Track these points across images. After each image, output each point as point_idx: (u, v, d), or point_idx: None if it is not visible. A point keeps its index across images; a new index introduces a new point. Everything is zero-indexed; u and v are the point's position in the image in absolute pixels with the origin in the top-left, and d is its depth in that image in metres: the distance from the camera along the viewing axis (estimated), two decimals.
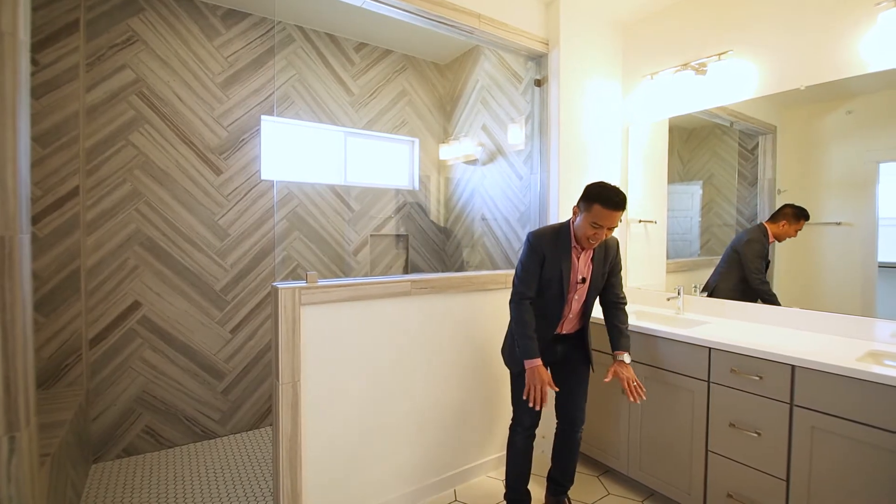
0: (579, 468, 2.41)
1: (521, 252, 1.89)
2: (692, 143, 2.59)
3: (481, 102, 3.39)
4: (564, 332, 1.89)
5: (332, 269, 3.21)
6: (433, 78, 3.72)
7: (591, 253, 1.83)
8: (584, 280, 1.82)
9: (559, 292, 1.80)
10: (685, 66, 2.41)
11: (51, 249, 2.27)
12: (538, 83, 2.66)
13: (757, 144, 2.30)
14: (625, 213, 1.87)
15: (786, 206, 2.15)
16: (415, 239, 3.61)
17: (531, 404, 1.74)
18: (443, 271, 3.31)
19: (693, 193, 2.61)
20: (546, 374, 1.76)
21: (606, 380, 1.80)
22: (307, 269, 3.09)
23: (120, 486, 2.22)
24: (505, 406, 2.43)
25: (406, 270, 3.57)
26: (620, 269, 1.93)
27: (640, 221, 2.77)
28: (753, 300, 2.22)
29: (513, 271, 2.54)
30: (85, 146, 2.39)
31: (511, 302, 1.85)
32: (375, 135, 3.48)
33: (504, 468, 2.42)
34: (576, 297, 1.83)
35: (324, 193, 3.18)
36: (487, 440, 2.38)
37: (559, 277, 1.78)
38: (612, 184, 1.72)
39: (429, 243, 3.70)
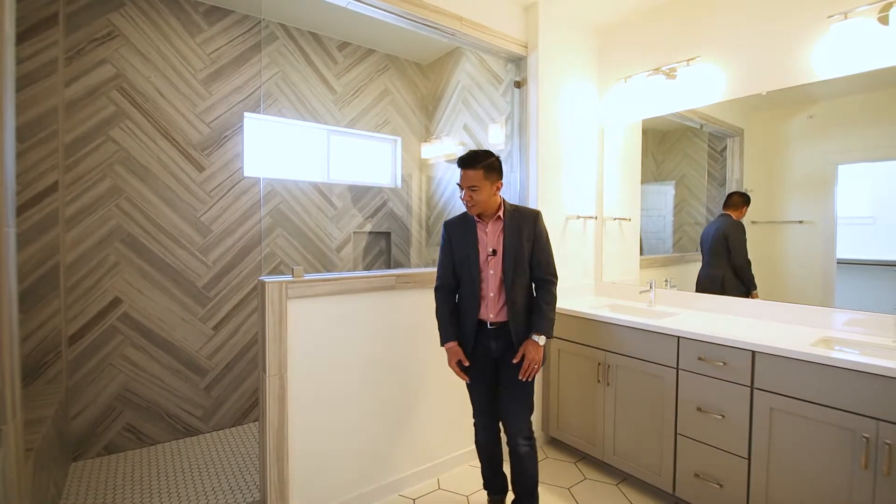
0: (556, 455, 2.51)
1: None
2: (665, 144, 2.71)
3: (462, 102, 3.46)
4: (493, 318, 1.78)
5: (316, 265, 3.23)
6: (415, 78, 3.78)
7: (500, 224, 1.78)
8: (494, 252, 1.76)
9: (474, 269, 1.78)
10: (657, 70, 2.53)
11: (29, 245, 2.24)
12: (518, 84, 2.74)
13: (725, 146, 2.43)
14: (482, 174, 1.70)
15: (735, 193, 2.32)
16: (397, 236, 3.66)
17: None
18: (425, 267, 3.36)
19: (666, 193, 2.74)
20: (459, 352, 1.79)
21: (514, 360, 1.74)
22: (291, 265, 3.10)
23: (102, 484, 2.21)
24: None
25: (388, 267, 3.62)
26: (547, 244, 1.81)
27: (614, 219, 2.88)
28: (738, 290, 2.29)
29: None
30: (64, 141, 2.37)
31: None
32: (358, 133, 3.51)
33: None
34: (490, 271, 1.77)
35: (307, 191, 3.20)
36: (470, 430, 2.44)
37: (468, 254, 1.78)
38: (482, 149, 1.77)
39: (411, 240, 3.75)
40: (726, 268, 2.35)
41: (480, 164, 1.70)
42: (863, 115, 1.92)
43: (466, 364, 1.81)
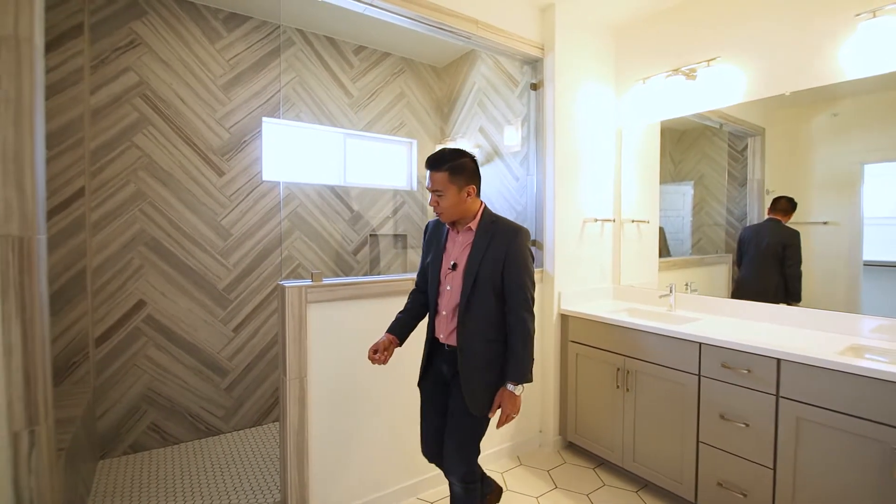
0: (574, 461, 2.49)
1: None
2: (683, 144, 2.67)
3: (478, 105, 3.45)
4: (443, 339, 1.59)
5: (333, 268, 3.26)
6: (431, 80, 3.78)
7: (470, 237, 1.55)
8: (454, 266, 1.55)
9: (433, 280, 1.62)
10: (676, 71, 2.49)
11: (57, 249, 2.30)
12: (534, 87, 2.73)
13: (746, 146, 2.38)
14: (447, 176, 1.49)
15: (783, 198, 2.19)
16: (413, 238, 3.67)
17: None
18: None
19: (685, 193, 2.70)
20: (381, 342, 1.60)
21: (490, 414, 1.51)
22: (309, 269, 3.14)
23: (128, 482, 2.27)
24: None
25: (405, 270, 3.63)
26: (521, 268, 1.49)
27: (632, 221, 2.85)
28: (783, 299, 2.17)
29: None
30: (90, 148, 2.43)
31: None
32: (374, 136, 3.53)
33: (500, 462, 2.49)
34: (448, 286, 1.57)
35: (324, 194, 3.23)
36: (488, 433, 2.43)
37: (433, 262, 1.63)
38: (454, 148, 1.55)
39: None
40: (778, 275, 2.23)
41: (445, 166, 1.48)
42: (890, 112, 1.87)
43: (374, 353, 1.59)
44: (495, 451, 2.48)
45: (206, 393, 2.77)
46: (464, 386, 1.51)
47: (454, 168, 1.49)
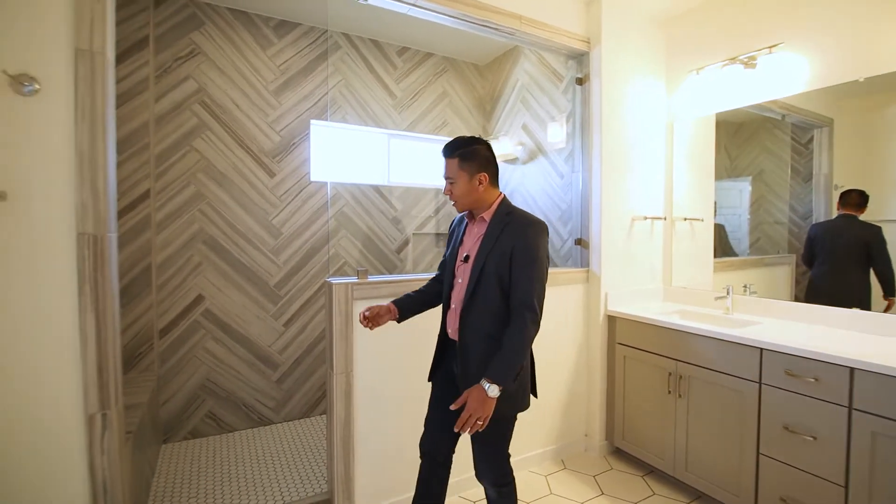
0: (621, 467, 2.41)
1: None
2: (740, 137, 2.52)
3: (521, 102, 3.40)
4: (451, 334, 1.55)
5: (377, 266, 3.32)
6: (473, 79, 3.77)
7: (484, 228, 1.49)
8: (466, 258, 1.50)
9: (448, 273, 1.58)
10: (733, 59, 2.35)
11: (126, 247, 2.48)
12: (580, 81, 2.66)
13: (811, 138, 2.21)
14: (457, 163, 1.47)
15: (854, 191, 2.02)
16: None
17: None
18: None
19: (741, 190, 2.54)
20: (379, 308, 1.57)
21: (453, 406, 1.36)
22: (354, 266, 3.22)
23: (187, 466, 2.42)
24: (550, 401, 2.46)
25: None
26: (529, 265, 1.38)
27: (685, 219, 2.71)
28: (863, 302, 1.99)
29: (555, 269, 2.56)
30: (154, 152, 2.60)
31: None
32: (417, 136, 3.57)
33: (543, 465, 2.45)
34: (459, 279, 1.52)
35: (368, 193, 3.30)
36: (532, 434, 2.42)
37: (450, 255, 1.59)
38: (468, 135, 1.52)
39: None
40: (860, 275, 2.04)
41: (456, 153, 1.45)
42: None
43: (366, 316, 1.56)
44: (539, 454, 2.44)
45: (258, 384, 2.90)
46: (462, 384, 1.45)
47: (465, 154, 1.46)
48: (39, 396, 1.35)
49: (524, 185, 3.36)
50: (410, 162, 3.61)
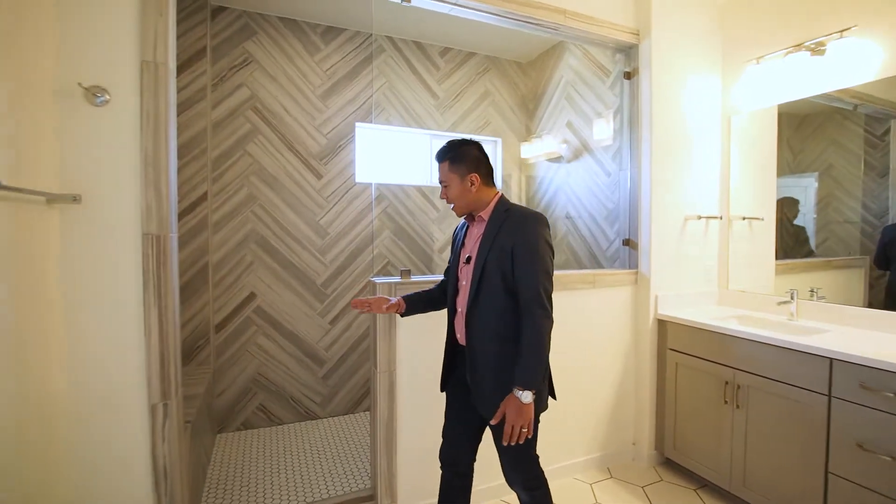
0: (672, 479, 2.30)
1: None
2: (804, 130, 2.33)
3: (566, 98, 3.33)
4: (460, 339, 1.53)
5: (420, 266, 3.35)
6: (516, 77, 3.73)
7: (482, 227, 1.48)
8: (468, 260, 1.49)
9: (452, 277, 1.57)
10: (798, 47, 2.18)
11: (186, 247, 2.64)
12: (628, 76, 2.57)
13: (888, 129, 2.02)
14: (447, 166, 1.48)
15: None
16: None
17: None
18: None
19: (807, 187, 2.35)
20: (378, 300, 1.62)
21: (493, 421, 1.36)
22: (397, 266, 3.26)
23: (239, 455, 2.53)
24: (596, 407, 2.39)
25: None
26: (532, 259, 1.35)
27: (743, 218, 2.55)
28: None
29: (601, 270, 2.49)
30: (211, 157, 2.75)
31: None
32: (459, 136, 3.55)
33: (588, 473, 2.38)
34: (463, 281, 1.50)
35: (411, 194, 3.34)
36: (576, 441, 2.36)
37: (453, 259, 1.59)
38: (458, 139, 1.52)
39: None
40: None
41: (446, 156, 1.47)
42: None
43: (365, 303, 1.61)
44: (583, 461, 2.37)
45: (305, 380, 3.00)
46: (474, 389, 1.43)
47: (455, 157, 1.46)
48: (109, 386, 1.45)
49: (568, 183, 3.29)
50: None
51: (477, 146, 1.51)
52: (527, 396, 1.29)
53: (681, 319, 2.29)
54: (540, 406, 1.42)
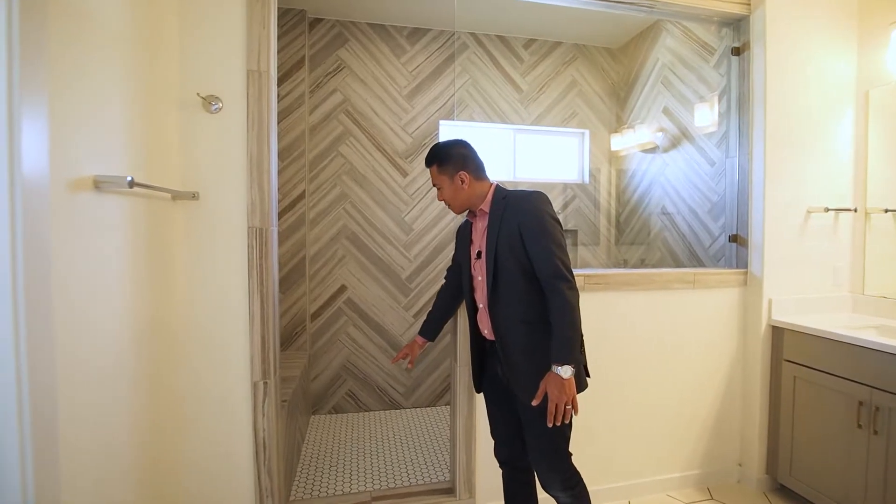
0: None
1: None
2: None
3: (662, 83, 3.07)
4: (487, 335, 1.52)
5: None
6: (605, 64, 3.53)
7: (485, 219, 1.48)
8: (479, 254, 1.49)
9: (465, 275, 1.57)
10: None
11: (286, 241, 2.88)
12: (736, 51, 2.30)
13: None
14: (435, 170, 1.51)
15: None
16: (584, 234, 3.49)
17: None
18: (613, 267, 3.12)
19: None
20: (410, 346, 1.76)
21: (534, 402, 1.32)
22: None
23: (330, 437, 2.71)
24: (694, 419, 2.19)
25: (575, 266, 3.47)
26: (544, 232, 1.34)
27: (885, 211, 2.16)
28: None
29: (704, 269, 2.26)
30: (309, 159, 2.97)
31: None
32: (544, 129, 3.46)
33: (684, 491, 2.18)
34: (479, 277, 1.50)
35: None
36: (672, 454, 2.17)
37: (463, 257, 1.59)
38: (442, 141, 1.56)
39: (599, 238, 3.53)
40: None
41: (433, 161, 1.50)
42: None
43: (403, 359, 1.76)
44: (678, 477, 2.17)
45: (390, 370, 3.12)
46: (510, 378, 1.42)
47: (441, 160, 1.49)
48: (218, 364, 1.63)
49: (665, 175, 3.03)
50: (537, 156, 3.52)
51: (462, 144, 1.53)
52: (566, 371, 1.28)
53: (801, 327, 2.00)
54: (580, 385, 1.37)
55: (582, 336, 1.38)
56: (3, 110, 0.79)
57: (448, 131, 3.26)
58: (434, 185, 1.54)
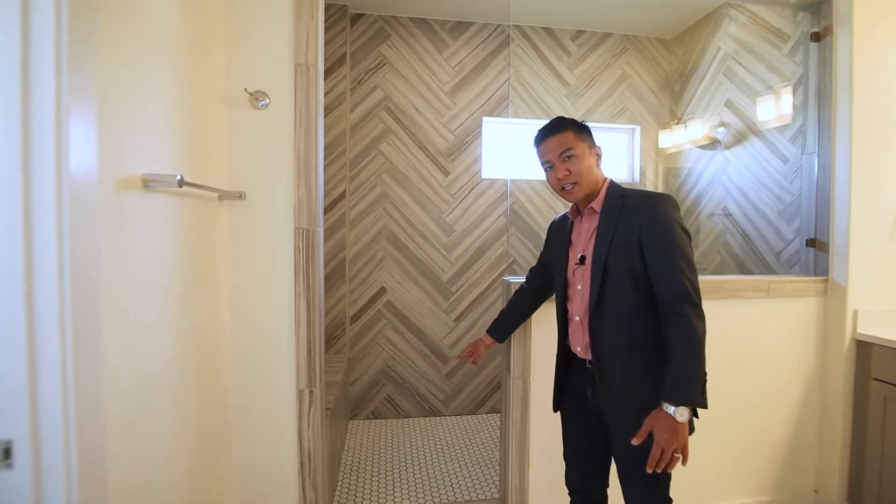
0: None
1: None
2: None
3: (724, 74, 2.85)
4: (581, 353, 1.30)
5: None
6: (658, 56, 3.32)
7: (594, 220, 1.25)
8: (582, 260, 1.27)
9: (560, 281, 1.35)
10: None
11: (327, 241, 2.83)
12: (816, 37, 2.09)
13: None
14: (572, 134, 1.27)
15: None
16: None
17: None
18: None
19: None
20: (476, 344, 1.64)
21: (635, 441, 1.10)
22: (524, 266, 3.13)
23: (370, 443, 2.64)
24: (765, 441, 2.00)
25: None
26: (672, 248, 1.13)
27: None
28: None
29: (779, 277, 2.06)
30: (349, 157, 2.91)
31: None
32: (592, 126, 3.27)
33: None
34: (578, 286, 1.28)
35: (539, 190, 3.17)
36: (740, 479, 1.98)
37: (558, 261, 1.38)
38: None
39: None
40: None
41: (567, 125, 1.27)
42: None
43: (468, 357, 1.65)
44: (750, 503, 1.99)
45: (430, 376, 3.03)
46: (606, 408, 1.22)
47: (578, 126, 1.29)
48: (263, 371, 1.57)
49: (727, 173, 2.81)
50: None
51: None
52: (682, 413, 1.06)
53: (894, 342, 1.78)
54: (691, 428, 1.15)
55: (705, 375, 1.13)
56: (50, 109, 0.73)
57: (491, 128, 3.14)
58: (561, 154, 1.26)
